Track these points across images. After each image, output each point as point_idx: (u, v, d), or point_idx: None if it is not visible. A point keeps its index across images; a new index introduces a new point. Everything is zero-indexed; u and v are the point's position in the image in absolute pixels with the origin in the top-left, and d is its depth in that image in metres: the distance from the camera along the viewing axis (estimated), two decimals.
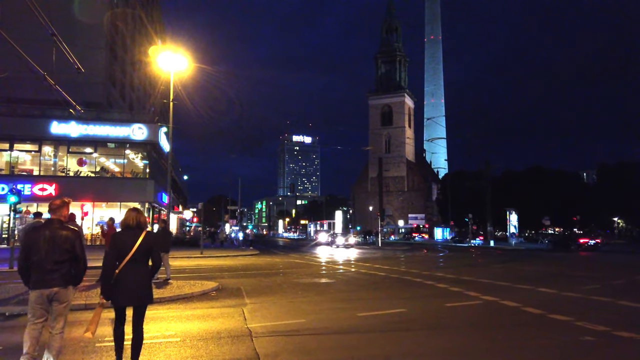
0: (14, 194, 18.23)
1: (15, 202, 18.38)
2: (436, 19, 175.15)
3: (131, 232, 5.15)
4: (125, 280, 4.91)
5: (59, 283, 4.82)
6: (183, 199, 78.38)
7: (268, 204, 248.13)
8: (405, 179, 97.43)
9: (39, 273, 4.80)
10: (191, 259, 25.77)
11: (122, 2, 50.14)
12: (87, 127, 36.87)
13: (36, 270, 4.81)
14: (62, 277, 4.85)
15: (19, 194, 18.74)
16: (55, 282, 4.80)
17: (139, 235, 5.08)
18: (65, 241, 4.88)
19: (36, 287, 4.80)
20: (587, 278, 15.93)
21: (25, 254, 4.87)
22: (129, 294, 4.92)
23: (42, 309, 4.81)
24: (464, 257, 29.22)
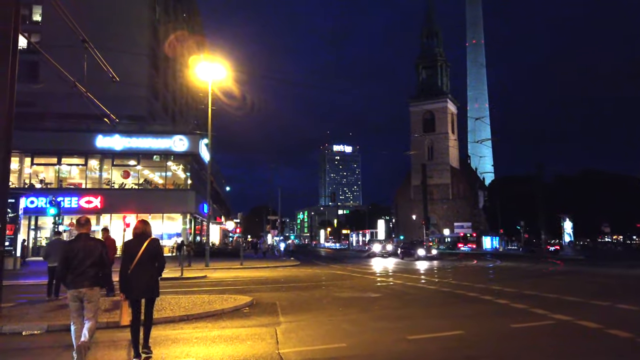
0: (53, 206, 18.19)
1: (54, 214, 18.33)
2: (478, 22, 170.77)
3: (138, 239, 6.30)
4: (136, 278, 6.07)
5: (88, 284, 5.97)
6: (225, 209, 78.96)
7: (310, 214, 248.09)
8: (450, 187, 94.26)
9: (74, 275, 5.97)
10: (231, 270, 25.12)
11: (164, 18, 51.16)
12: (130, 139, 37.40)
13: (72, 273, 5.98)
14: (91, 279, 5.99)
15: (58, 205, 18.71)
16: (85, 284, 5.95)
17: (144, 242, 6.24)
18: (95, 249, 6.13)
19: (71, 287, 5.98)
20: None
21: (65, 262, 6.03)
22: (139, 289, 6.12)
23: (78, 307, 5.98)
24: (522, 268, 27.12)
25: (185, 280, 18.60)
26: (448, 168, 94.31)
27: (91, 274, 5.99)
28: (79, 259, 5.99)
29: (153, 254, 6.25)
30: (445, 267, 27.14)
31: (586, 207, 60.56)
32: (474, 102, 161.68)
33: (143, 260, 6.12)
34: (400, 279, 18.60)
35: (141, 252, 6.14)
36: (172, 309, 9.67)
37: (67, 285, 6.03)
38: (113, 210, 36.26)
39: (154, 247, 6.30)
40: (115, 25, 43.37)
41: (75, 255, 6.01)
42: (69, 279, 5.99)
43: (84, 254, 6.00)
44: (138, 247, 6.17)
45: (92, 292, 5.99)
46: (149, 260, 6.19)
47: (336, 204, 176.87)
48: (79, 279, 5.93)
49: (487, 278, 19.39)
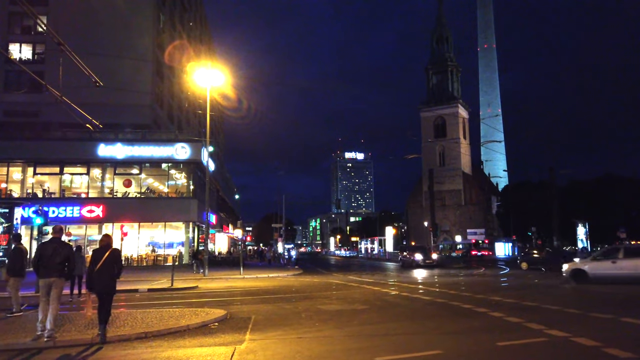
0: (39, 216, 17.75)
1: (40, 224, 17.90)
2: (489, 27, 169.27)
3: (103, 249, 8.30)
4: (98, 278, 8.10)
5: (56, 275, 8.14)
6: (234, 218, 78.55)
7: (322, 221, 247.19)
8: (462, 192, 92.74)
9: (44, 269, 8.12)
10: (228, 280, 24.50)
11: (169, 26, 51.19)
12: (132, 148, 37.17)
13: (43, 267, 8.14)
14: (57, 272, 8.15)
15: (45, 215, 18.26)
16: (53, 275, 8.11)
17: (106, 251, 8.25)
18: (64, 251, 8.35)
19: (42, 277, 8.16)
20: None
21: (38, 257, 8.25)
22: (100, 286, 8.16)
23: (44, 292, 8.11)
24: (530, 276, 26.00)
25: (173, 291, 18.01)
26: (460, 174, 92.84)
27: (58, 268, 8.15)
28: (48, 256, 8.15)
29: (113, 261, 8.30)
30: (448, 275, 26.14)
31: (602, 212, 58.77)
32: (487, 107, 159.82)
33: (105, 265, 8.13)
34: (398, 289, 17.75)
35: (104, 258, 8.14)
36: (133, 325, 9.03)
37: (40, 275, 8.20)
38: (115, 220, 35.95)
39: (115, 255, 8.37)
40: (119, 34, 43.55)
41: (46, 253, 8.21)
42: (41, 271, 8.12)
43: (52, 253, 8.15)
44: (102, 255, 8.18)
45: (59, 281, 8.22)
46: (110, 265, 8.21)
47: (345, 211, 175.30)
48: (48, 271, 8.08)
49: (489, 288, 18.42)
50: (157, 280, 21.96)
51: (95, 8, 42.58)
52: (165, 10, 49.84)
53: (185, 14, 59.53)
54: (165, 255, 37.80)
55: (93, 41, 41.03)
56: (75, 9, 42.03)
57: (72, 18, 41.95)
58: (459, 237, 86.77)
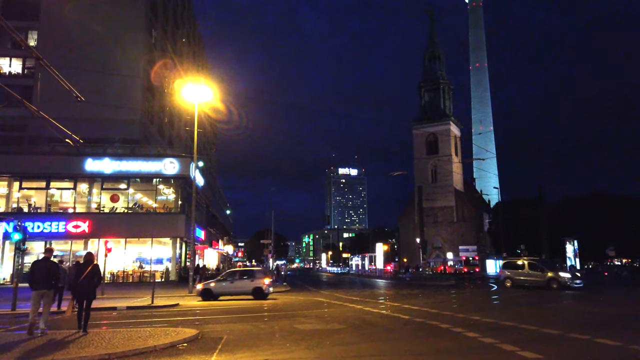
0: (17, 232, 17.51)
1: (19, 239, 17.65)
2: (481, 46, 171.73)
3: (86, 264, 10.82)
4: (81, 288, 10.56)
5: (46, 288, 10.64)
6: (225, 233, 78.03)
7: (315, 237, 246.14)
8: (454, 209, 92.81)
9: (37, 281, 10.49)
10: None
11: (161, 42, 51.43)
12: (120, 163, 37.04)
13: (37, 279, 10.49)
14: (47, 285, 10.66)
15: (24, 230, 18.01)
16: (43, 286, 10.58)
17: (89, 266, 10.72)
18: (52, 268, 10.89)
19: (35, 289, 10.48)
20: None
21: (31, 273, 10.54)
22: (82, 294, 10.62)
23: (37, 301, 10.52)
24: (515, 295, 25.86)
25: (153, 309, 17.73)
26: (452, 190, 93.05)
27: (48, 282, 10.61)
28: (39, 272, 10.53)
29: (94, 274, 10.77)
30: (429, 294, 25.96)
31: (592, 230, 58.94)
32: (479, 125, 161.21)
33: (87, 277, 10.58)
34: (380, 307, 17.58)
35: (87, 272, 10.62)
36: (98, 346, 8.83)
37: (33, 288, 10.50)
38: (101, 235, 35.54)
39: (95, 270, 10.83)
40: (110, 49, 43.66)
41: (38, 270, 10.57)
42: (34, 285, 10.41)
43: (43, 270, 10.59)
44: (85, 269, 10.69)
45: (48, 292, 10.78)
46: (91, 278, 10.67)
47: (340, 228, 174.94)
48: (40, 285, 10.46)
49: (472, 306, 18.28)
50: (140, 298, 21.65)
51: (87, 24, 42.76)
52: (158, 27, 50.14)
53: (178, 31, 59.92)
54: (152, 272, 37.35)
55: (84, 57, 41.18)
56: (66, 24, 42.17)
57: (63, 33, 42.08)
58: (451, 254, 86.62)
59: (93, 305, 11.30)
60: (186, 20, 65.56)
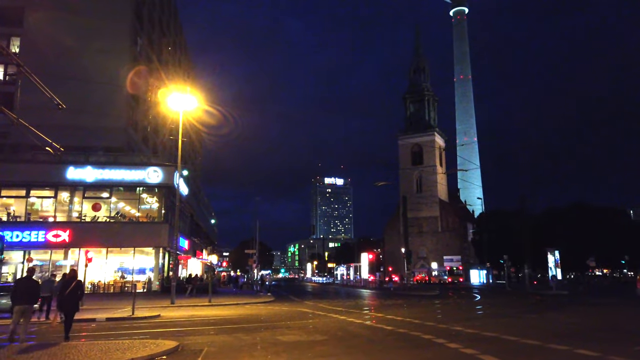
0: None
1: None
2: (465, 59, 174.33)
3: (70, 279, 12.07)
4: (66, 301, 11.73)
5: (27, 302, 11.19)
6: (209, 243, 77.26)
7: (300, 247, 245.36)
8: (439, 219, 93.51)
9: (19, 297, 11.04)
10: (195, 308, 23.93)
11: (147, 50, 51.19)
12: (102, 171, 36.52)
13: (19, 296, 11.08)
14: (28, 300, 11.19)
15: (2, 240, 17.60)
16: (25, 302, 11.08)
17: (72, 282, 11.93)
18: (33, 286, 11.63)
19: (17, 304, 10.99)
20: None
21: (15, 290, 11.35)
22: (67, 307, 11.79)
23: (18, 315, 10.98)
24: (500, 304, 26.07)
25: (133, 320, 17.43)
26: (437, 201, 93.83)
27: (28, 298, 11.20)
28: (21, 290, 11.20)
29: (77, 289, 12.02)
30: (413, 304, 26.02)
31: (574, 240, 59.82)
32: (463, 136, 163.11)
33: (71, 292, 11.74)
34: (364, 317, 17.55)
35: (71, 287, 11.79)
36: (73, 359, 8.63)
37: (15, 303, 11.06)
38: (82, 245, 34.82)
39: (79, 285, 12.15)
40: (95, 57, 43.20)
41: (20, 287, 11.31)
42: (17, 300, 11.00)
43: (25, 287, 11.28)
44: (70, 284, 11.86)
45: (29, 307, 11.35)
46: (75, 292, 11.88)
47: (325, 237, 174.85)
48: (22, 300, 11.01)
49: (455, 317, 18.35)
50: (121, 309, 21.28)
51: (72, 31, 42.32)
52: (143, 35, 49.88)
53: (164, 39, 59.69)
54: (134, 282, 36.72)
55: (68, 64, 40.69)
56: (50, 31, 41.68)
57: (46, 40, 41.56)
58: (435, 263, 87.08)
59: None
60: (172, 28, 65.37)
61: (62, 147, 38.99)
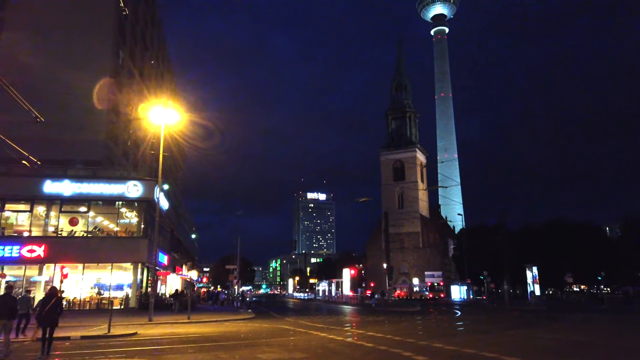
0: None
1: None
2: (445, 77, 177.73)
3: (50, 296, 12.85)
4: (46, 317, 12.38)
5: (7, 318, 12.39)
6: (190, 258, 76.25)
7: (282, 262, 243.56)
8: (420, 235, 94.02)
9: None
10: (173, 326, 23.48)
11: (129, 64, 50.91)
12: (80, 185, 35.92)
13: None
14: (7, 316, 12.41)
15: None
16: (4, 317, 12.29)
17: (52, 299, 12.71)
18: (11, 302, 12.84)
19: None
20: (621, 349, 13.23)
21: None
22: (46, 322, 12.41)
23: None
24: (480, 320, 26.22)
25: (109, 338, 17.02)
26: (418, 216, 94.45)
27: (8, 313, 12.41)
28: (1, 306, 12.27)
29: (57, 306, 12.76)
30: (394, 320, 26.01)
31: (552, 256, 60.71)
32: (444, 152, 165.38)
33: (51, 308, 12.46)
34: (345, 335, 17.46)
35: (51, 303, 12.53)
36: None
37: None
38: (58, 260, 33.99)
39: (58, 302, 12.89)
40: (75, 69, 42.75)
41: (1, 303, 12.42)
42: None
43: (3, 303, 12.44)
44: (49, 301, 12.62)
45: (9, 322, 12.49)
46: (54, 308, 12.60)
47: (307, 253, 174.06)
48: (1, 315, 12.06)
49: (435, 334, 18.40)
50: (96, 326, 20.77)
51: (52, 43, 41.91)
52: (125, 48, 49.62)
53: (146, 53, 59.46)
54: (111, 298, 35.91)
55: (47, 77, 40.21)
56: (30, 42, 41.22)
57: (26, 51, 41.06)
58: (417, 279, 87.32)
59: None
60: (155, 42, 65.22)
61: (40, 160, 38.28)
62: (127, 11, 49.63)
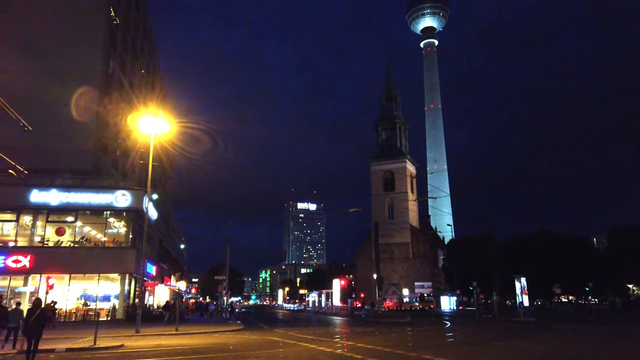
0: None
1: None
2: (435, 88, 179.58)
3: (35, 308, 13.19)
4: (31, 328, 12.73)
5: None
6: (178, 269, 75.51)
7: (272, 272, 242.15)
8: (410, 245, 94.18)
9: None
10: (161, 337, 23.18)
11: (119, 73, 50.78)
12: (68, 194, 35.56)
13: None
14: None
15: None
16: None
17: (37, 310, 13.06)
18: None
19: None
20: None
21: None
22: (32, 334, 12.72)
23: None
24: (468, 332, 26.25)
25: (95, 351, 16.76)
26: (408, 227, 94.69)
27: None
28: None
29: (42, 317, 13.15)
30: (384, 332, 25.95)
31: (540, 267, 61.13)
32: (433, 163, 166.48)
33: (36, 319, 12.79)
34: (334, 347, 17.37)
35: (35, 314, 12.85)
36: None
37: None
38: (44, 271, 33.59)
39: (43, 313, 13.32)
40: (65, 78, 42.52)
41: None
42: None
43: None
44: (34, 312, 12.93)
45: None
46: (39, 320, 12.91)
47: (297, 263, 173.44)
48: None
49: (425, 345, 18.39)
50: (82, 338, 20.44)
51: (41, 51, 41.68)
52: (115, 57, 49.48)
53: (137, 62, 59.35)
54: (97, 310, 35.38)
55: (36, 85, 39.96)
56: (19, 50, 40.96)
57: (15, 60, 40.77)
58: (407, 290, 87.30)
59: None
60: (146, 51, 65.14)
61: (27, 169, 37.82)
62: (118, 20, 49.62)
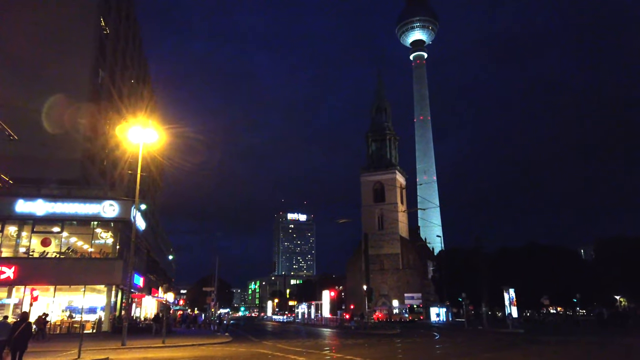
0: None
1: None
2: (424, 100, 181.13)
3: (20, 322, 14.19)
4: (17, 340, 13.65)
5: None
6: (166, 280, 74.66)
7: (262, 284, 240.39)
8: (400, 257, 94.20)
9: None
10: (147, 350, 22.92)
11: (108, 82, 50.57)
12: (54, 204, 35.16)
13: None
14: None
15: None
16: None
17: (22, 323, 14.02)
18: None
19: None
20: None
21: None
22: (18, 345, 13.69)
23: None
24: (456, 343, 26.21)
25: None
26: (397, 238, 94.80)
27: None
28: None
29: (27, 330, 13.94)
30: (374, 344, 25.85)
31: (528, 279, 61.41)
32: (423, 175, 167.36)
33: (21, 332, 13.59)
34: (321, 359, 17.25)
35: (21, 328, 13.68)
36: None
37: None
38: (28, 282, 33.03)
39: (28, 327, 14.10)
40: (54, 88, 42.22)
41: None
42: None
43: None
44: (20, 325, 13.78)
45: None
46: (24, 333, 13.69)
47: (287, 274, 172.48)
48: None
49: (414, 357, 18.34)
50: (66, 351, 20.07)
51: (30, 60, 41.44)
52: (105, 67, 49.32)
53: (127, 72, 59.21)
54: (83, 322, 34.82)
55: (26, 94, 39.64)
56: (8, 58, 40.67)
57: (4, 68, 40.43)
58: (396, 301, 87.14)
59: None
60: (136, 61, 65.00)
61: (12, 179, 37.44)
62: (108, 30, 49.56)
